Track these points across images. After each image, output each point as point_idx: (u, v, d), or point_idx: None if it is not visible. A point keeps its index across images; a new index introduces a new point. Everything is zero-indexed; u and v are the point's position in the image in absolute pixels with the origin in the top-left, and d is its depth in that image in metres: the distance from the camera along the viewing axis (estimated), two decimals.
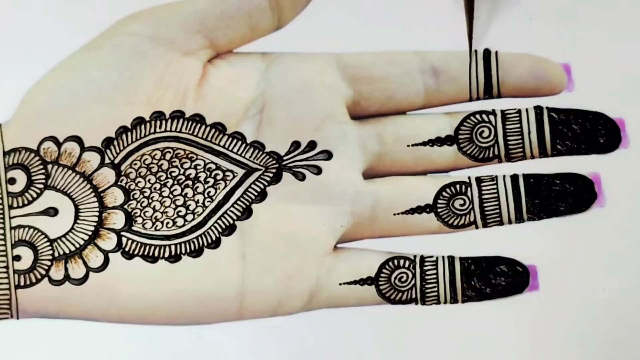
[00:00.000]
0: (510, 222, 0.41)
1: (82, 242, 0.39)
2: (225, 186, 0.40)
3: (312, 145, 0.40)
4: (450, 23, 0.42)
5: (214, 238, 0.39)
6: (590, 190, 0.41)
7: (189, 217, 0.39)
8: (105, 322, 0.39)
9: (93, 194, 0.39)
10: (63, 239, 0.39)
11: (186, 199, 0.40)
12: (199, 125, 0.40)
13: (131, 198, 0.39)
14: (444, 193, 0.41)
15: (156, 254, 0.39)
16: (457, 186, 0.41)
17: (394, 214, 0.40)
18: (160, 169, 0.40)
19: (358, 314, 0.40)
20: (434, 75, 0.41)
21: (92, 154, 0.39)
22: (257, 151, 0.40)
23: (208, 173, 0.40)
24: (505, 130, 0.41)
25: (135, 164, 0.39)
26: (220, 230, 0.39)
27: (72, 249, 0.39)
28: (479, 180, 0.41)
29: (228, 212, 0.40)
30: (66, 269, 0.39)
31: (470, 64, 0.41)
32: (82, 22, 0.40)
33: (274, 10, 0.40)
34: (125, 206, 0.39)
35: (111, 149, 0.39)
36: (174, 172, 0.40)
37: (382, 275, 0.40)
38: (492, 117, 0.41)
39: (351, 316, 0.40)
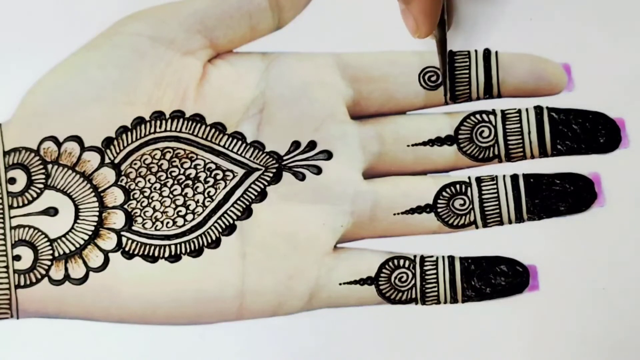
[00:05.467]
0: (510, 222, 0.41)
1: (82, 242, 0.39)
2: (225, 186, 0.40)
3: (312, 145, 0.40)
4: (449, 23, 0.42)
5: (214, 238, 0.39)
6: (590, 190, 0.41)
7: (189, 217, 0.39)
8: (105, 322, 0.39)
9: (93, 193, 0.39)
10: (63, 238, 0.39)
11: (186, 198, 0.40)
12: (199, 125, 0.40)
13: (131, 198, 0.39)
14: (444, 193, 0.41)
15: (156, 254, 0.39)
16: (457, 186, 0.41)
17: (394, 214, 0.40)
18: (160, 169, 0.40)
19: (358, 314, 0.40)
20: (433, 75, 0.41)
21: (92, 153, 0.39)
22: (257, 151, 0.40)
23: (208, 173, 0.40)
24: (505, 130, 0.41)
25: (135, 164, 0.39)
26: (220, 230, 0.39)
27: (72, 248, 0.39)
28: (479, 180, 0.41)
29: (228, 212, 0.40)
30: (66, 269, 0.39)
31: (470, 65, 0.41)
32: (82, 22, 0.40)
33: (274, 10, 0.40)
34: (125, 206, 0.39)
35: (111, 149, 0.39)
36: (174, 171, 0.40)
37: (382, 275, 0.40)
38: (492, 117, 0.41)
39: (351, 316, 0.40)
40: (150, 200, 0.39)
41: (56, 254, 0.39)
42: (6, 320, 0.39)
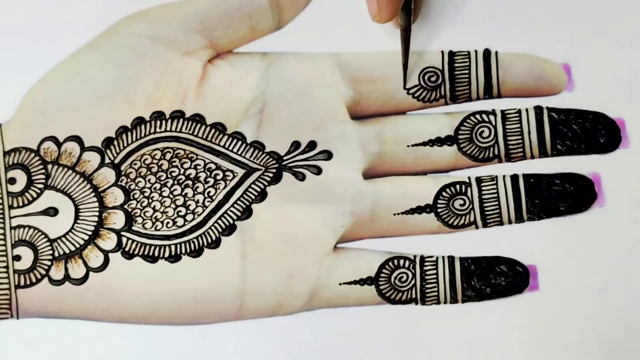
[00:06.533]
0: (510, 222, 0.41)
1: (82, 242, 0.39)
2: (225, 186, 0.40)
3: (312, 145, 0.40)
4: (449, 23, 0.42)
5: (214, 238, 0.39)
6: (590, 190, 0.41)
7: (189, 217, 0.39)
8: (106, 322, 0.39)
9: (93, 194, 0.39)
10: (63, 238, 0.39)
11: (186, 198, 0.40)
12: (199, 125, 0.40)
13: (131, 198, 0.39)
14: (444, 193, 0.41)
15: (156, 254, 0.39)
16: (457, 186, 0.41)
17: (394, 214, 0.40)
18: (160, 169, 0.40)
19: (358, 314, 0.40)
20: (433, 75, 0.41)
21: (92, 153, 0.39)
22: (257, 151, 0.40)
23: (208, 173, 0.40)
24: (505, 130, 0.41)
25: (135, 164, 0.39)
26: (220, 230, 0.39)
27: (72, 249, 0.39)
28: (479, 180, 0.41)
29: (228, 212, 0.40)
30: (66, 269, 0.39)
31: (470, 65, 0.41)
32: (82, 22, 0.40)
33: (274, 10, 0.40)
34: (126, 206, 0.39)
35: (111, 149, 0.39)
36: (174, 172, 0.40)
37: (382, 275, 0.40)
38: (492, 117, 0.41)
39: (351, 316, 0.40)
40: (150, 201, 0.39)
41: (56, 254, 0.39)
42: (6, 320, 0.39)
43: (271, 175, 0.40)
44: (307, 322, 0.40)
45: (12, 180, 0.39)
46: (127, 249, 0.39)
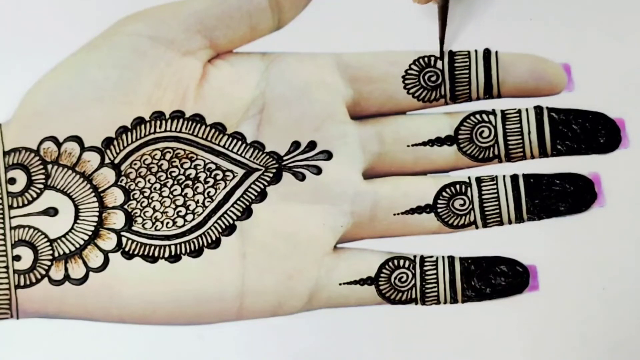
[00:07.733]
0: (510, 222, 0.41)
1: (82, 242, 0.39)
2: (225, 186, 0.40)
3: (312, 145, 0.40)
4: (449, 24, 0.42)
5: (214, 238, 0.39)
6: (590, 190, 0.41)
7: (189, 217, 0.39)
8: (105, 322, 0.39)
9: (93, 194, 0.39)
10: (63, 239, 0.39)
11: (186, 199, 0.40)
12: (199, 125, 0.40)
13: (131, 198, 0.39)
14: (444, 193, 0.41)
15: (156, 254, 0.39)
16: (457, 186, 0.41)
17: (394, 214, 0.40)
18: (160, 169, 0.40)
19: (358, 314, 0.40)
20: (433, 75, 0.41)
21: (92, 154, 0.39)
22: (257, 151, 0.40)
23: (208, 173, 0.40)
24: (505, 130, 0.41)
25: (135, 164, 0.39)
26: (220, 230, 0.39)
27: (72, 249, 0.39)
28: (479, 180, 0.41)
29: (228, 212, 0.40)
30: (66, 269, 0.39)
31: (470, 65, 0.41)
32: (82, 22, 0.40)
33: (274, 10, 0.40)
34: (125, 206, 0.39)
35: (111, 149, 0.39)
36: (174, 172, 0.40)
37: (382, 275, 0.40)
38: (492, 117, 0.41)
39: (351, 316, 0.40)
40: (150, 201, 0.39)
41: (56, 254, 0.39)
42: (6, 320, 0.39)
43: (271, 175, 0.40)
44: (307, 322, 0.40)
45: (12, 180, 0.39)
46: (127, 249, 0.39)
